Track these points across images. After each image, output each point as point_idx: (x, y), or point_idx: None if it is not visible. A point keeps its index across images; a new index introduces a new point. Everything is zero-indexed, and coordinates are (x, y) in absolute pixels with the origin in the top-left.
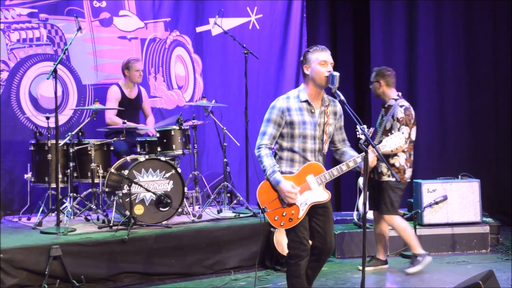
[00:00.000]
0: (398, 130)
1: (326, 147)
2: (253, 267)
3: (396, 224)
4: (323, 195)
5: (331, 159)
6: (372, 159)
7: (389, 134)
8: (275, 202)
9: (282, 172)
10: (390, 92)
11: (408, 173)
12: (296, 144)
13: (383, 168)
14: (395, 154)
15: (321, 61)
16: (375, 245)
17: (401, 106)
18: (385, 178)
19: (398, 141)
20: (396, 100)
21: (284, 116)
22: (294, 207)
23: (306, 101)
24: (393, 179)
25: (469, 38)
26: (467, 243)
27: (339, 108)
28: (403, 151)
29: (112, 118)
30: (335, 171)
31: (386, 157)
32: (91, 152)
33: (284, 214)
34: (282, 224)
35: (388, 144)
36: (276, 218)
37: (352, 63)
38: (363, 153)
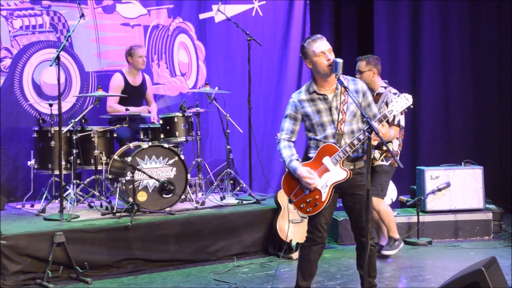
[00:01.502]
0: (395, 117)
1: (345, 128)
2: (255, 253)
3: (383, 208)
4: (342, 174)
5: None
6: (385, 130)
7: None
8: (298, 191)
9: (309, 158)
10: (378, 80)
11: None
12: (317, 133)
13: (376, 153)
14: (389, 141)
15: (318, 53)
16: (376, 231)
17: (394, 94)
18: (378, 162)
19: (405, 102)
20: (385, 87)
21: (298, 109)
22: (317, 191)
23: (315, 92)
24: (387, 164)
25: (474, 25)
26: (470, 230)
27: (360, 85)
28: (396, 137)
29: (113, 107)
30: (348, 148)
31: (381, 144)
32: (94, 139)
33: (308, 201)
34: (309, 210)
35: (395, 107)
36: (302, 206)
37: (356, 50)
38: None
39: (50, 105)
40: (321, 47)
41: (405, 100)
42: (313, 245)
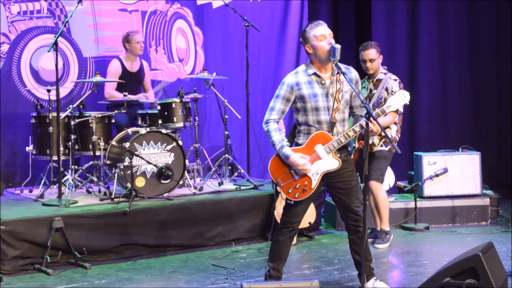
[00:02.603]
0: None
1: (338, 116)
2: (253, 239)
3: (381, 193)
4: (333, 163)
5: None
6: (377, 127)
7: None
8: (287, 176)
9: (298, 144)
10: (379, 66)
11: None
12: (310, 117)
13: (375, 139)
14: (388, 126)
15: (319, 36)
16: (373, 218)
17: (395, 80)
18: (378, 148)
19: (402, 99)
20: (385, 74)
21: (294, 91)
22: (307, 178)
23: (314, 73)
24: (386, 149)
25: (472, 12)
26: (467, 215)
27: (354, 74)
28: (395, 123)
29: (111, 93)
30: (342, 138)
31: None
32: (92, 125)
33: (297, 186)
34: (296, 195)
35: (393, 103)
36: (290, 191)
37: (354, 39)
38: (365, 120)
39: (48, 90)
40: (322, 31)
41: (403, 97)
42: (284, 227)
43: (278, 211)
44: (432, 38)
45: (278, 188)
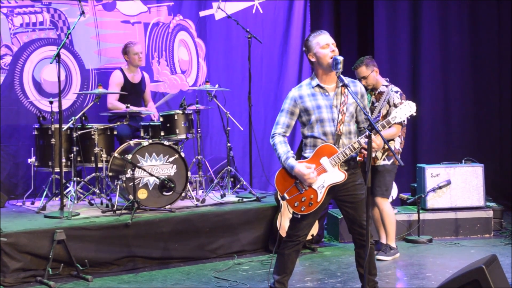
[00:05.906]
0: None
1: (344, 128)
2: (256, 251)
3: (387, 208)
4: (339, 176)
5: None
6: (380, 142)
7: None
8: (293, 189)
9: (304, 157)
10: (380, 78)
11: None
12: (315, 130)
13: (378, 153)
14: (392, 138)
15: (322, 45)
16: (377, 230)
17: (396, 92)
18: (381, 162)
19: (408, 110)
20: (387, 86)
21: (298, 104)
22: (312, 191)
23: (318, 85)
24: (389, 163)
25: (474, 22)
26: (471, 227)
27: (359, 87)
28: (398, 135)
29: (114, 103)
30: (348, 150)
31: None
32: (95, 137)
33: (303, 200)
34: (303, 209)
35: (398, 114)
36: (296, 204)
37: (356, 49)
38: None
39: (51, 102)
40: (326, 39)
41: (408, 108)
42: (290, 241)
43: (281, 223)
44: (434, 45)
45: (284, 202)
